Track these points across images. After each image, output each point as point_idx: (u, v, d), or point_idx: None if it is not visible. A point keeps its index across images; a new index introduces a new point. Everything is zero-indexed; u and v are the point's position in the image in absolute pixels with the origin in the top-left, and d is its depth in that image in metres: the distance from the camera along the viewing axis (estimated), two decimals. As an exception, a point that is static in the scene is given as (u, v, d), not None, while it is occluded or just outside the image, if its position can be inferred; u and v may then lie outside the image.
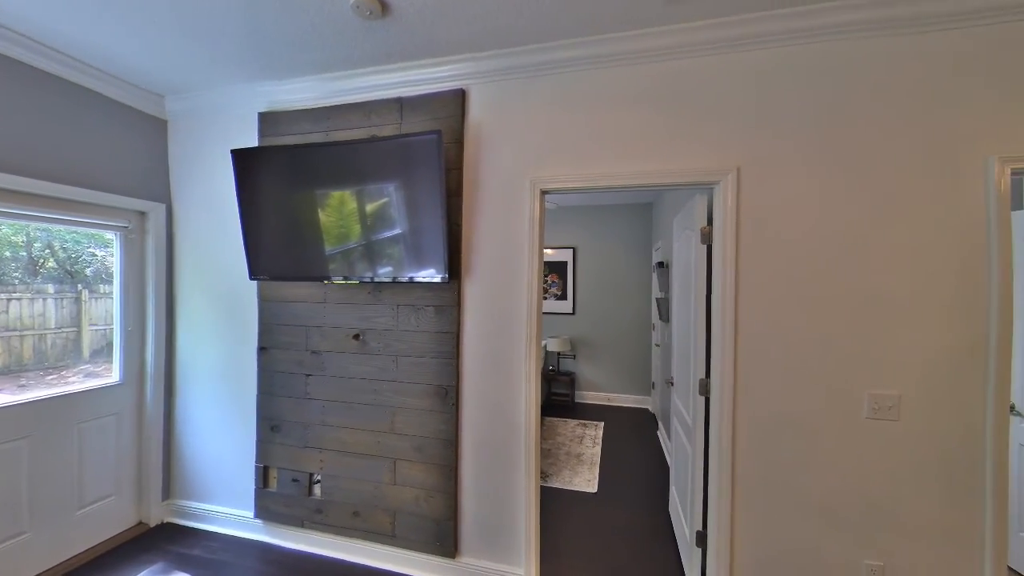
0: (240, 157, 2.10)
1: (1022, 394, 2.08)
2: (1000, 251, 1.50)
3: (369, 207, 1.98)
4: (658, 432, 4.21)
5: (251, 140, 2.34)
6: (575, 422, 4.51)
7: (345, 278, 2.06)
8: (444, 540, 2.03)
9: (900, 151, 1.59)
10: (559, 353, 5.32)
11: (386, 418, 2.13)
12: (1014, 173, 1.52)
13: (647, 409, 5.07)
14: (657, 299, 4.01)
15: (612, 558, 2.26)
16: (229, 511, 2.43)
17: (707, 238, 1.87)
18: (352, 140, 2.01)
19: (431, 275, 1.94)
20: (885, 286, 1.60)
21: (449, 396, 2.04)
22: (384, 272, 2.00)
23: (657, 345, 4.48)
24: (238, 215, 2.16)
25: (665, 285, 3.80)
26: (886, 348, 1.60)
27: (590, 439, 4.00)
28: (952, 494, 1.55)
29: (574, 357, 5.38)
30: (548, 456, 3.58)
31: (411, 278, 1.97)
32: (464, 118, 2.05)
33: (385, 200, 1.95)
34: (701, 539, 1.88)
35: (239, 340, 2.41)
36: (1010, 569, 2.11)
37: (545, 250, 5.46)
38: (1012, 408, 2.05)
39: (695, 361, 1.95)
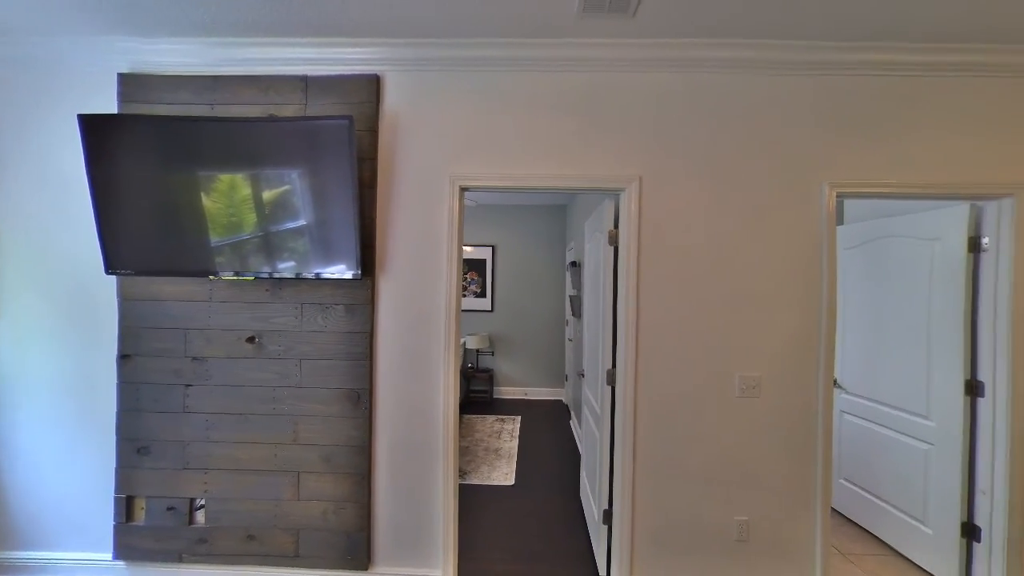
0: (92, 124, 1.72)
1: (842, 372, 2.65)
2: (828, 258, 1.88)
3: (267, 194, 1.77)
4: (571, 422, 4.47)
5: (108, 105, 1.94)
6: (493, 418, 4.58)
7: (237, 273, 1.82)
8: (356, 553, 1.92)
9: (763, 173, 1.90)
10: (478, 350, 5.35)
11: (288, 428, 1.93)
12: (839, 196, 1.91)
13: (561, 400, 5.35)
14: (570, 296, 4.26)
15: (528, 547, 2.34)
16: (78, 557, 1.99)
17: (614, 240, 2.03)
18: (247, 118, 1.78)
19: (341, 271, 1.80)
20: (751, 285, 1.90)
21: (362, 400, 1.93)
22: (286, 267, 1.81)
23: (570, 340, 4.75)
24: (90, 196, 1.77)
25: (578, 283, 4.05)
26: (752, 337, 1.90)
27: (508, 433, 4.10)
28: (795, 455, 1.91)
29: (493, 354, 5.45)
30: (466, 454, 3.58)
31: (318, 274, 1.81)
32: (379, 105, 1.94)
33: (287, 188, 1.77)
34: (607, 517, 2.04)
35: (90, 346, 1.98)
36: (833, 510, 2.68)
37: (464, 247, 5.44)
38: (836, 383, 2.60)
39: (603, 353, 2.11)
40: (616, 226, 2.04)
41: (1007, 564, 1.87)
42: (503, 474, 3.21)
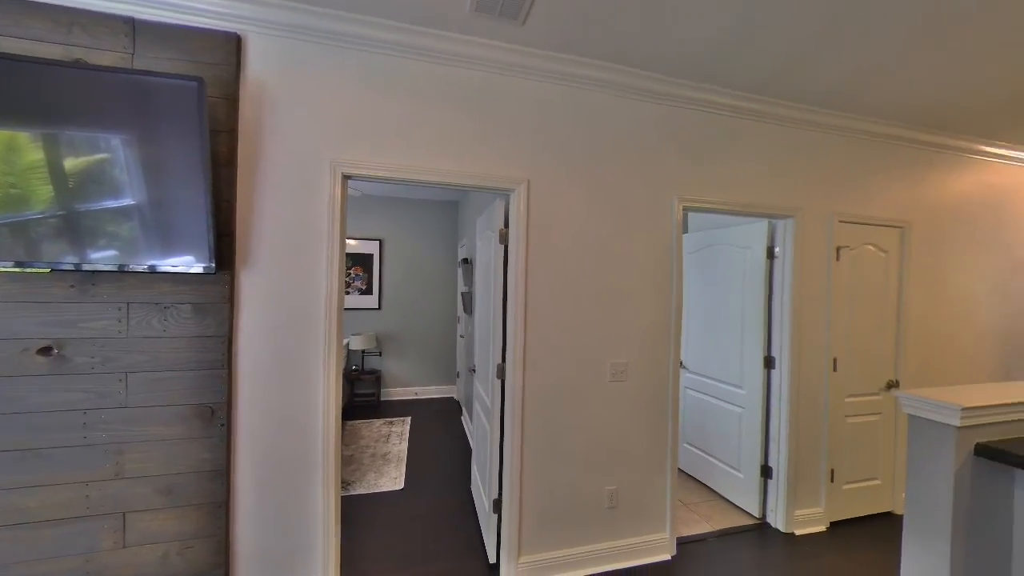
0: None
1: (686, 355, 3.21)
2: (677, 260, 2.25)
3: (72, 162, 1.37)
4: (462, 418, 4.50)
5: None
6: (381, 421, 4.34)
7: (20, 264, 1.37)
8: (209, 596, 1.62)
9: (631, 183, 2.18)
10: (364, 351, 5.00)
11: (106, 461, 1.53)
12: (685, 209, 2.30)
13: (453, 397, 5.34)
14: (462, 293, 4.28)
15: (419, 548, 2.29)
16: None
17: (504, 239, 2.11)
18: (36, 57, 1.35)
19: (188, 263, 1.50)
20: (620, 282, 2.17)
21: (217, 416, 1.63)
22: (103, 257, 1.43)
23: (462, 336, 4.77)
24: None
25: (469, 280, 4.09)
26: (621, 328, 2.17)
27: (397, 436, 3.93)
28: (652, 427, 2.24)
29: (380, 354, 5.16)
30: (351, 463, 3.33)
31: (153, 267, 1.47)
32: (240, 71, 1.66)
33: (104, 157, 1.39)
34: (496, 505, 2.11)
35: None
36: (679, 470, 3.23)
37: (348, 240, 5.03)
38: (681, 364, 3.14)
39: (494, 348, 2.17)
40: (506, 225, 2.11)
41: (787, 492, 2.51)
42: (392, 479, 3.07)
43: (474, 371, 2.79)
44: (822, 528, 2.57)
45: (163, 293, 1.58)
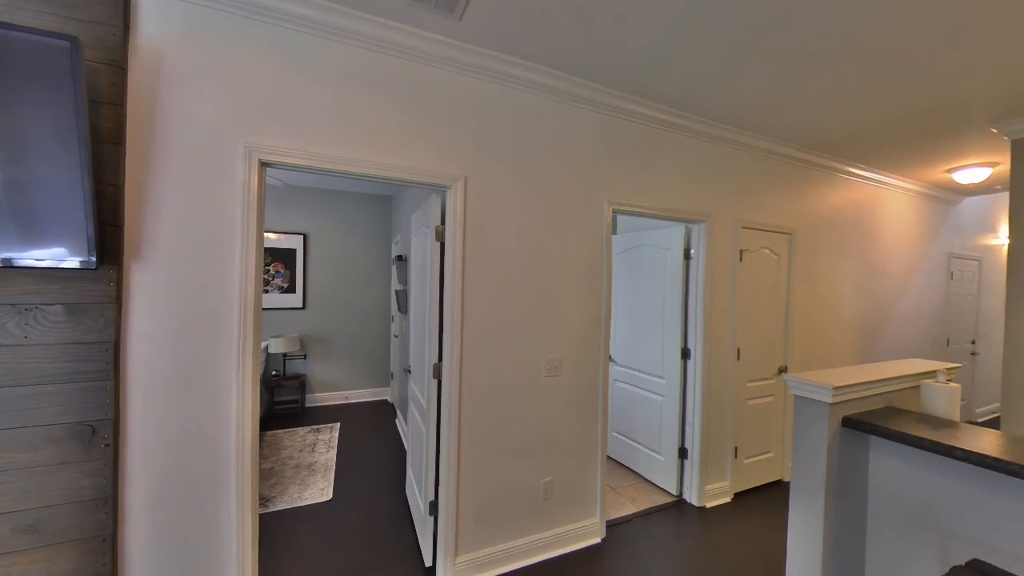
0: None
1: (615, 349, 3.41)
2: (607, 260, 2.38)
3: None
4: (397, 421, 4.35)
5: None
6: (306, 429, 4.04)
7: None
8: (90, 646, 1.39)
9: (565, 185, 2.26)
10: (285, 354, 4.62)
11: (-58, 498, 1.24)
12: (614, 212, 2.44)
13: (387, 400, 5.14)
14: (396, 291, 4.12)
15: (350, 560, 2.17)
16: None
17: (440, 236, 2.07)
18: None
19: (59, 257, 1.26)
20: (555, 281, 2.24)
21: (99, 435, 1.40)
22: (-67, 248, 1.15)
23: (396, 336, 4.60)
24: None
25: (404, 278, 3.95)
26: (555, 324, 2.25)
27: (324, 444, 3.69)
28: (584, 419, 2.36)
29: (304, 357, 4.80)
30: (270, 476, 3.06)
31: (8, 260, 1.22)
32: (128, 34, 1.44)
33: (-65, 122, 1.12)
34: (433, 507, 2.08)
35: None
36: (608, 457, 3.44)
37: (267, 234, 4.59)
38: (611, 358, 3.33)
39: (430, 347, 2.13)
40: (443, 222, 2.08)
41: (700, 470, 2.79)
42: (319, 490, 2.87)
43: (409, 371, 2.71)
44: (728, 499, 2.89)
45: (24, 292, 1.32)
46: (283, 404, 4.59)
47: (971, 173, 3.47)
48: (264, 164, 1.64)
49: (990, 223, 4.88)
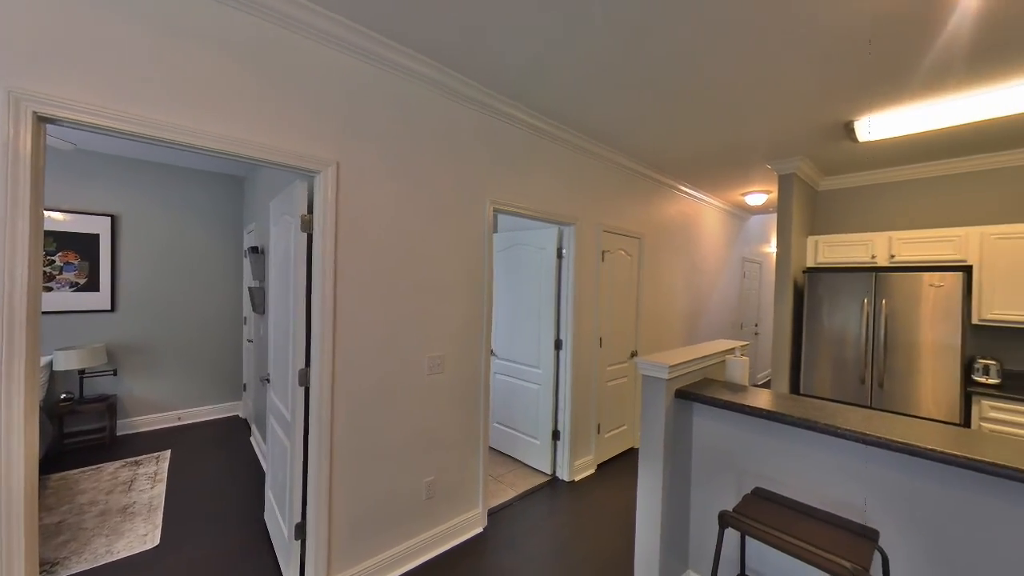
0: None
1: (495, 343, 3.54)
2: (488, 257, 2.45)
3: None
4: (252, 439, 3.75)
5: None
6: (117, 464, 3.19)
7: None
8: None
9: (447, 179, 2.24)
10: (83, 371, 3.56)
11: None
12: (495, 211, 2.52)
13: (238, 416, 4.39)
14: (251, 288, 3.53)
15: (186, 615, 1.79)
16: None
17: (308, 226, 1.85)
18: None
19: None
20: (436, 277, 2.21)
21: None
22: None
23: (250, 341, 3.95)
24: None
25: (261, 273, 3.41)
26: (437, 322, 2.22)
27: (146, 479, 2.96)
28: (466, 413, 2.39)
29: (114, 373, 3.77)
30: (60, 532, 2.32)
31: None
32: None
33: None
34: (300, 530, 1.86)
35: None
36: (491, 448, 3.55)
37: (52, 214, 3.46)
38: (492, 352, 3.44)
39: (295, 352, 1.89)
40: (310, 211, 1.86)
41: (570, 449, 3.09)
42: (140, 537, 2.30)
43: (268, 381, 2.35)
44: (592, 471, 3.28)
45: None
46: (80, 436, 3.53)
47: (755, 197, 4.60)
48: (43, 119, 1.23)
49: (766, 236, 6.53)
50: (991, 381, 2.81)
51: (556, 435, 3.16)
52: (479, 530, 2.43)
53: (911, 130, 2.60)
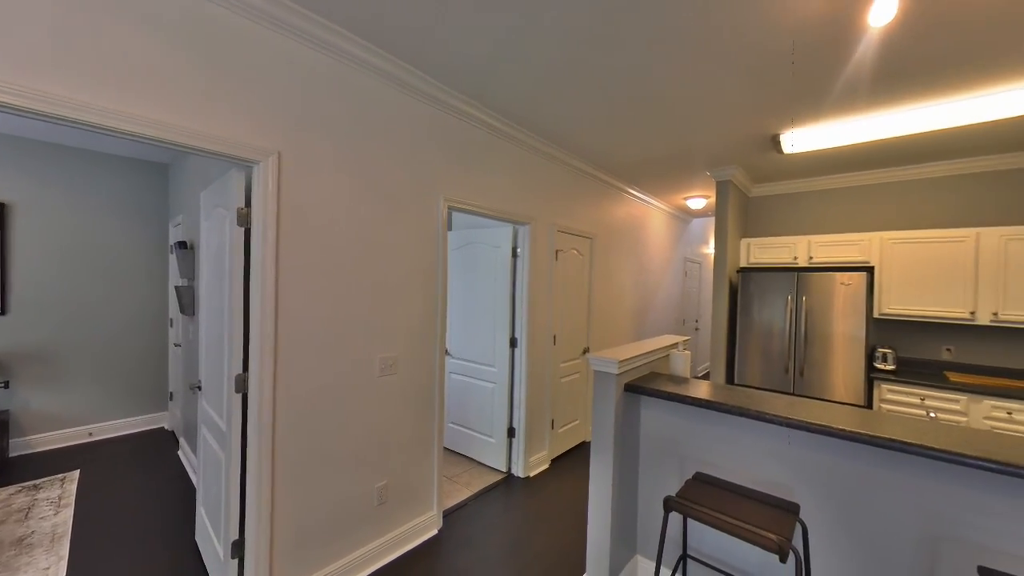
0: None
1: (451, 342, 3.50)
2: (443, 255, 2.42)
3: None
4: (179, 453, 3.42)
5: None
6: (11, 490, 2.78)
7: None
8: None
9: (401, 175, 2.18)
10: (-36, 384, 3.05)
11: None
12: (450, 208, 2.49)
13: (163, 428, 3.98)
14: (178, 287, 3.21)
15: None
16: None
17: (245, 220, 1.72)
18: None
19: None
20: (389, 275, 2.15)
21: None
22: None
23: (177, 345, 3.60)
24: None
25: (190, 270, 3.12)
26: (390, 321, 2.15)
27: (48, 504, 2.61)
28: (421, 414, 2.34)
29: (6, 385, 3.27)
30: (-68, 574, 1.98)
31: None
32: None
33: None
34: (237, 547, 1.73)
35: None
36: (446, 449, 3.50)
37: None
38: (447, 351, 3.40)
39: (231, 356, 1.75)
40: (248, 204, 1.72)
41: (525, 445, 3.13)
42: (40, 571, 2.02)
43: (200, 388, 2.16)
44: (546, 466, 3.34)
45: None
46: (-40, 459, 3.03)
47: (696, 201, 4.91)
48: (-94, 87, 1.03)
49: (705, 237, 7.00)
50: (888, 367, 3.22)
51: (511, 432, 3.18)
52: (434, 532, 2.40)
53: (826, 145, 2.90)
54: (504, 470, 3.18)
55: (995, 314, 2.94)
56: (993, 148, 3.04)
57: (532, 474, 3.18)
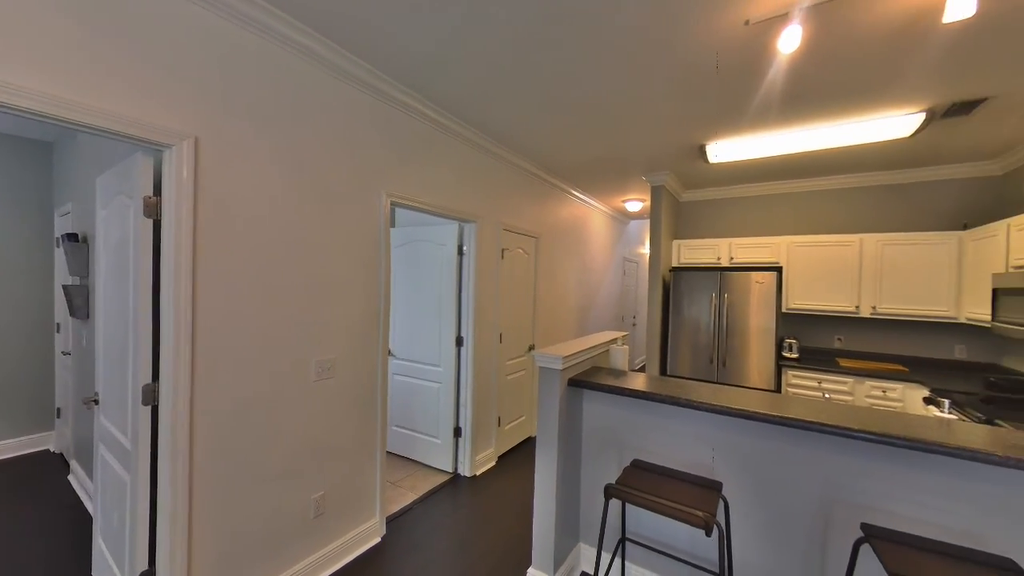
0: None
1: (394, 342, 3.38)
2: (385, 253, 2.33)
3: None
4: (70, 477, 2.96)
5: None
6: None
7: None
8: None
9: (342, 167, 2.06)
10: None
11: None
12: (393, 204, 2.40)
13: (49, 450, 3.42)
14: (67, 287, 2.77)
15: None
16: None
17: (154, 211, 1.52)
18: None
19: None
20: (327, 273, 2.03)
21: None
22: None
23: (67, 353, 3.12)
24: None
25: (83, 267, 2.71)
26: (328, 322, 2.03)
27: None
28: (362, 419, 2.24)
29: None
30: None
31: None
32: None
33: None
34: (148, 579, 1.54)
35: None
36: (389, 452, 3.39)
37: None
38: (390, 352, 3.28)
39: (137, 364, 1.54)
40: (158, 193, 1.53)
41: (471, 444, 3.12)
42: None
43: (96, 402, 1.89)
44: (493, 464, 3.36)
45: None
46: None
47: (633, 204, 5.20)
48: None
49: (641, 238, 7.45)
50: (793, 356, 3.65)
51: (458, 432, 3.15)
52: (377, 540, 2.31)
53: (744, 157, 3.22)
54: (450, 470, 3.15)
55: (874, 307, 3.45)
56: (872, 166, 3.56)
57: (479, 472, 3.18)
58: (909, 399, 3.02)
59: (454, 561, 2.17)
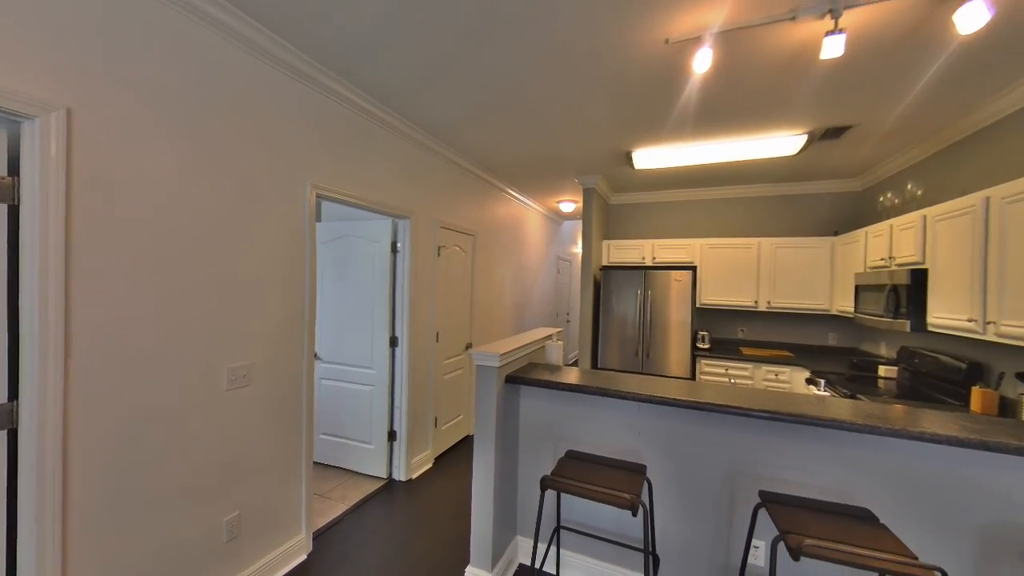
0: None
1: (320, 345, 3.16)
2: (311, 249, 2.17)
3: None
4: None
5: None
6: None
7: None
8: None
9: (259, 156, 1.87)
10: None
11: None
12: (319, 197, 2.24)
13: None
14: None
15: None
16: None
17: (10, 195, 1.26)
18: None
19: None
20: (240, 271, 1.83)
21: None
22: None
23: None
24: None
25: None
26: (241, 325, 1.84)
27: None
28: (285, 429, 2.07)
29: None
30: None
31: None
32: None
33: None
34: (5, 638, 1.27)
35: None
36: (317, 463, 3.17)
37: None
38: (316, 355, 3.06)
39: (-13, 381, 1.27)
40: (16, 173, 1.27)
41: (407, 448, 3.03)
42: None
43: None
44: (430, 465, 3.29)
45: None
46: None
47: (567, 205, 5.41)
48: None
49: (575, 238, 7.76)
50: (705, 346, 4.05)
51: (392, 436, 3.04)
52: (303, 558, 2.15)
53: (664, 165, 3.49)
54: (384, 476, 3.03)
55: (769, 302, 3.95)
56: (768, 178, 4.07)
57: (415, 476, 3.10)
58: (795, 380, 3.51)
59: (388, 568, 2.09)
